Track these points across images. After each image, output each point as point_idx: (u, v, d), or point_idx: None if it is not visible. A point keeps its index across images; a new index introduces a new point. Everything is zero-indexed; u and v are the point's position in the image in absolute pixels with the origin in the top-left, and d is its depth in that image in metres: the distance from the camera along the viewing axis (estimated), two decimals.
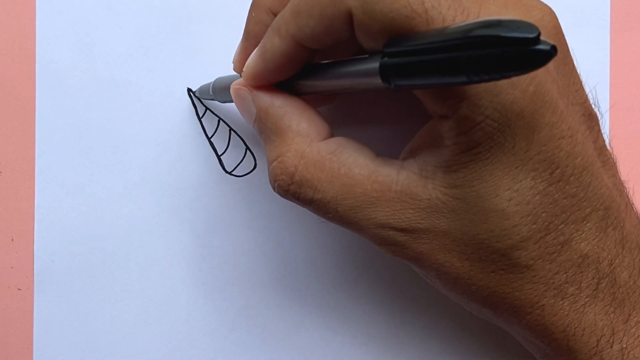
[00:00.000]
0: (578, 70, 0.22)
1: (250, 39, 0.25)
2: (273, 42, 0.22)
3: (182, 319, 0.30)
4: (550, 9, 0.21)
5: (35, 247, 0.30)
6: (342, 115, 0.29)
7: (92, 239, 0.30)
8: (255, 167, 0.30)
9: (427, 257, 0.21)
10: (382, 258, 0.30)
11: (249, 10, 0.25)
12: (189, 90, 0.30)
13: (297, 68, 0.23)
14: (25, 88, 0.30)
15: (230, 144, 0.30)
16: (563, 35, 0.22)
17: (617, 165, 0.23)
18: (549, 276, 0.21)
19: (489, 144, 0.19)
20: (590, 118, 0.22)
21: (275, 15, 0.24)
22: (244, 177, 0.30)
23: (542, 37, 0.15)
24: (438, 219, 0.21)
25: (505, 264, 0.21)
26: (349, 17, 0.20)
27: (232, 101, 0.25)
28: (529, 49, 0.15)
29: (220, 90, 0.27)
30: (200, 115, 0.30)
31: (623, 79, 0.30)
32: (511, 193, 0.20)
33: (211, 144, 0.30)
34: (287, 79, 0.23)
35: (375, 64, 0.19)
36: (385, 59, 0.18)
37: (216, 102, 0.30)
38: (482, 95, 0.19)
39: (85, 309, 0.30)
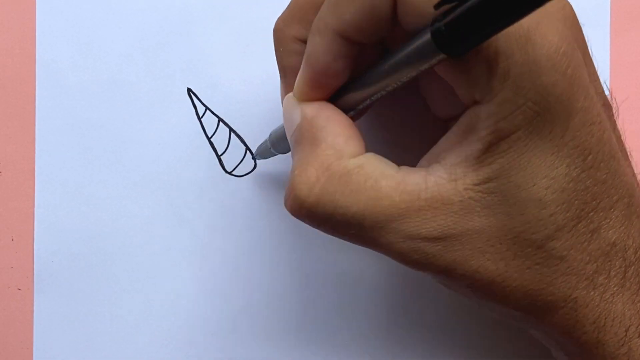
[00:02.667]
0: None
1: (289, 73, 0.24)
2: (314, 41, 0.21)
3: (182, 319, 0.30)
4: (568, 2, 0.21)
5: (35, 247, 0.30)
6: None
7: (92, 239, 0.30)
8: (255, 167, 0.30)
9: (460, 265, 0.21)
10: (383, 258, 0.30)
11: (275, 46, 0.24)
12: (189, 90, 0.30)
13: (345, 73, 0.22)
14: (25, 88, 0.30)
15: (230, 144, 0.30)
16: (581, 28, 0.21)
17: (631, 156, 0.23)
18: (581, 267, 0.20)
19: (528, 129, 0.19)
20: (608, 108, 0.22)
21: (303, 42, 0.23)
22: (244, 177, 0.30)
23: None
24: (472, 220, 0.20)
25: (540, 257, 0.20)
26: None
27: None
28: None
29: (278, 140, 0.26)
30: (200, 115, 0.30)
31: (623, 79, 0.30)
32: (548, 181, 0.19)
33: (211, 144, 0.30)
34: (337, 94, 0.23)
35: (428, 36, 0.18)
36: (436, 24, 0.17)
37: (216, 100, 0.30)
38: (525, 77, 0.18)
39: (85, 309, 0.30)
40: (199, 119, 0.30)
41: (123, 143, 0.30)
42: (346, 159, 0.21)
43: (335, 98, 0.23)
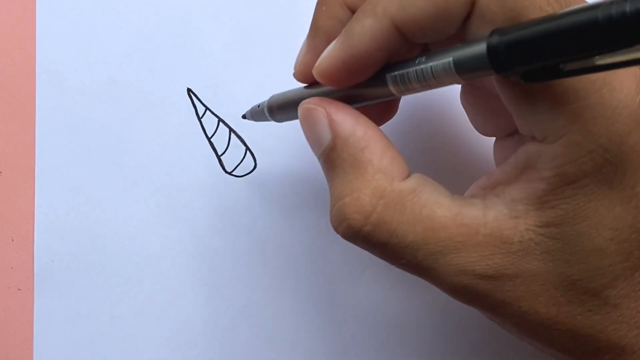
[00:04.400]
0: None
1: (321, 35, 0.21)
2: (363, 24, 0.19)
3: (182, 319, 0.30)
4: None
5: (35, 247, 0.30)
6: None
7: (92, 239, 0.30)
8: (255, 167, 0.30)
9: (509, 305, 0.20)
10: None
11: (318, 4, 0.22)
12: (189, 90, 0.30)
13: (379, 64, 0.20)
14: (25, 88, 0.30)
15: (230, 144, 0.30)
16: None
17: None
18: (632, 315, 0.20)
19: (597, 177, 0.18)
20: None
21: (351, 10, 0.21)
22: (244, 177, 0.30)
23: None
24: (528, 262, 0.19)
25: (594, 305, 0.20)
26: (471, 2, 0.17)
27: (293, 119, 0.23)
28: None
29: (279, 106, 0.24)
30: (200, 115, 0.30)
31: None
32: (613, 232, 0.18)
33: (211, 144, 0.30)
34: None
35: (482, 47, 0.16)
36: (495, 36, 0.16)
37: (216, 101, 0.30)
38: (598, 121, 0.17)
39: (85, 309, 0.30)
40: (199, 119, 0.30)
41: (123, 143, 0.30)
42: (397, 183, 0.20)
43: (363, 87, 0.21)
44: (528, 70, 0.16)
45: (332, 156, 0.21)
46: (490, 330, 0.30)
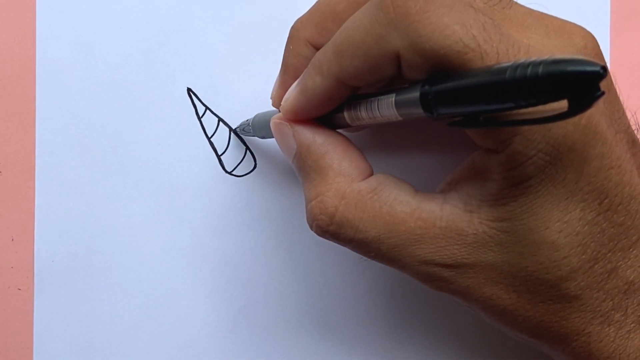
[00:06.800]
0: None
1: (290, 72, 0.24)
2: (314, 80, 0.22)
3: (182, 319, 0.30)
4: (590, 34, 0.21)
5: (35, 247, 0.30)
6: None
7: (92, 239, 0.30)
8: (255, 167, 0.30)
9: (473, 291, 0.21)
10: None
11: (287, 43, 0.25)
12: (189, 90, 0.30)
13: (338, 104, 0.23)
14: (25, 88, 0.30)
15: (230, 144, 0.30)
16: (604, 60, 0.21)
17: None
18: (596, 304, 0.21)
19: (540, 177, 0.19)
20: (634, 144, 0.22)
21: (314, 46, 0.23)
22: (244, 177, 0.30)
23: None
24: (485, 253, 0.21)
25: (554, 295, 0.21)
26: (396, 56, 0.19)
27: (272, 137, 0.25)
28: (582, 70, 0.14)
29: (259, 126, 0.27)
30: (200, 115, 0.30)
31: (623, 79, 0.30)
32: (561, 225, 0.20)
33: (211, 144, 0.30)
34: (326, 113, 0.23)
35: (416, 93, 0.19)
36: (426, 87, 0.18)
37: (216, 100, 0.30)
38: (535, 130, 0.19)
39: (85, 309, 0.30)
40: (199, 119, 0.30)
41: (123, 143, 0.30)
42: (357, 183, 0.22)
43: (329, 116, 0.23)
44: (454, 116, 0.18)
45: (299, 163, 0.23)
46: (490, 331, 0.30)
